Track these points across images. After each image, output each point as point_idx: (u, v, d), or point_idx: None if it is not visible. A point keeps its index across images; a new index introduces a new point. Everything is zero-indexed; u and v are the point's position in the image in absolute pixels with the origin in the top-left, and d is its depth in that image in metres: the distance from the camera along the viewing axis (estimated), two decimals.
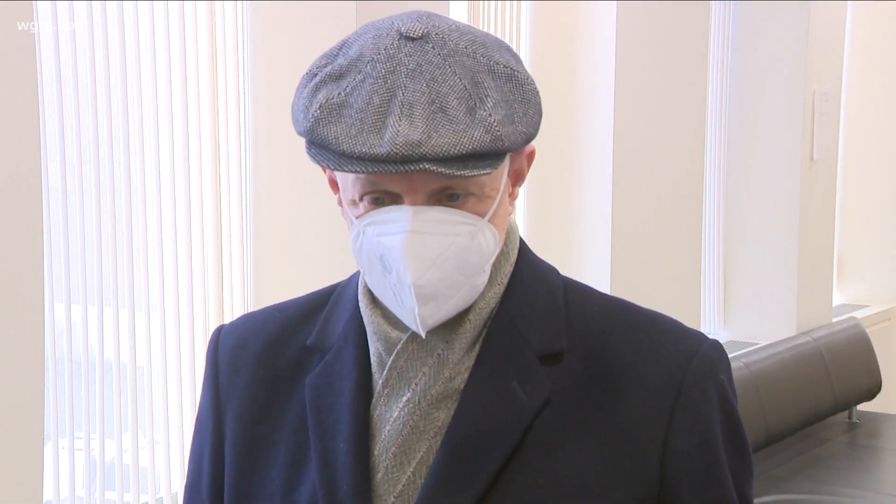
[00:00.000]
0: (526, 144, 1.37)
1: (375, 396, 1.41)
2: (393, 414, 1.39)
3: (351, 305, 1.46)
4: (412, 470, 1.38)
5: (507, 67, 1.34)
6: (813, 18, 5.69)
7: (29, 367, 2.81)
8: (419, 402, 1.39)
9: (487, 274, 1.39)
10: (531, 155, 1.43)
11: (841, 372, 5.71)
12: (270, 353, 1.49)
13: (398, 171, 1.28)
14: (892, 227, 6.85)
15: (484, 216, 1.36)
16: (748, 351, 5.44)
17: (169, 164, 3.30)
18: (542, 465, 1.36)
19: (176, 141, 3.31)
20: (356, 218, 1.36)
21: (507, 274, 1.43)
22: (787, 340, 5.64)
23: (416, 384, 1.39)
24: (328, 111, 1.31)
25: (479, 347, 1.40)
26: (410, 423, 1.38)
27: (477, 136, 1.29)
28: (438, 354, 1.39)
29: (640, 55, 4.75)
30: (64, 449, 3.07)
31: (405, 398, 1.39)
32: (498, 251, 1.40)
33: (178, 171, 3.32)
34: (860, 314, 6.41)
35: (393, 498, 1.38)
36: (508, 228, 1.44)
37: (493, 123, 1.30)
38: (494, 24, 4.31)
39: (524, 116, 1.34)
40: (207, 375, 1.54)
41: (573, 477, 1.37)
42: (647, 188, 4.86)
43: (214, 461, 1.51)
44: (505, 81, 1.33)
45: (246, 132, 3.49)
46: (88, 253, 3.09)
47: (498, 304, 1.41)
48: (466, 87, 1.31)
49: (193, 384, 3.35)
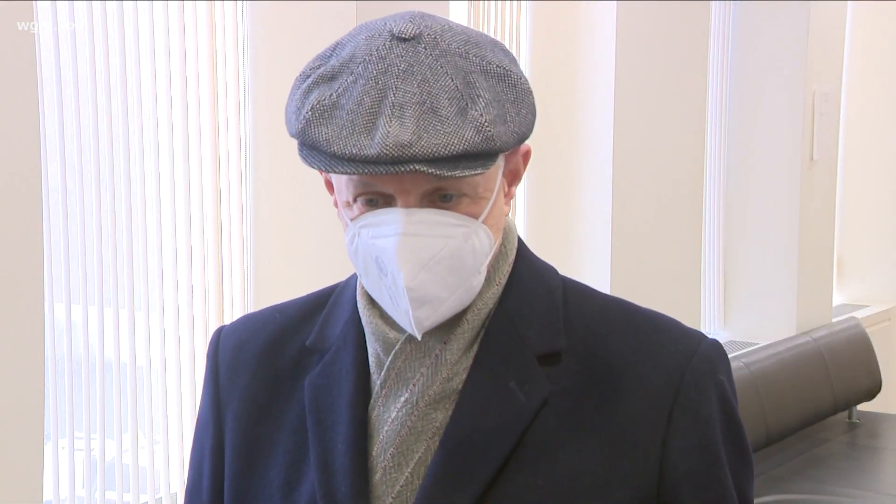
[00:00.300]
0: (519, 144, 1.36)
1: (373, 397, 1.41)
2: (391, 415, 1.39)
3: (350, 306, 1.46)
4: (410, 471, 1.38)
5: (499, 67, 1.34)
6: (813, 18, 5.69)
7: (29, 367, 2.81)
8: (417, 402, 1.39)
9: (483, 275, 1.39)
10: (527, 154, 1.43)
11: (841, 372, 5.71)
12: (270, 353, 1.50)
13: (388, 172, 1.28)
14: (892, 227, 6.85)
15: (478, 217, 1.35)
16: (748, 351, 5.44)
17: (169, 164, 3.30)
18: (540, 465, 1.36)
19: (176, 141, 3.31)
20: (351, 220, 1.37)
21: (505, 274, 1.43)
22: (787, 340, 5.64)
23: (413, 385, 1.39)
24: (319, 113, 1.31)
25: (477, 348, 1.40)
26: (408, 423, 1.38)
27: (468, 136, 1.29)
28: (436, 355, 1.39)
29: (640, 55, 4.75)
30: (64, 449, 3.07)
31: (403, 399, 1.39)
32: (494, 252, 1.40)
33: (178, 171, 3.32)
34: (860, 314, 6.40)
35: (391, 499, 1.38)
36: (506, 228, 1.44)
37: (484, 123, 1.30)
38: (494, 24, 4.31)
39: (517, 116, 1.34)
40: (208, 376, 1.54)
41: (572, 477, 1.36)
42: (647, 188, 4.86)
43: (215, 462, 1.51)
44: (497, 81, 1.33)
45: (246, 132, 3.49)
46: (88, 253, 3.09)
47: (496, 304, 1.41)
48: (458, 87, 1.31)
49: (193, 384, 3.35)
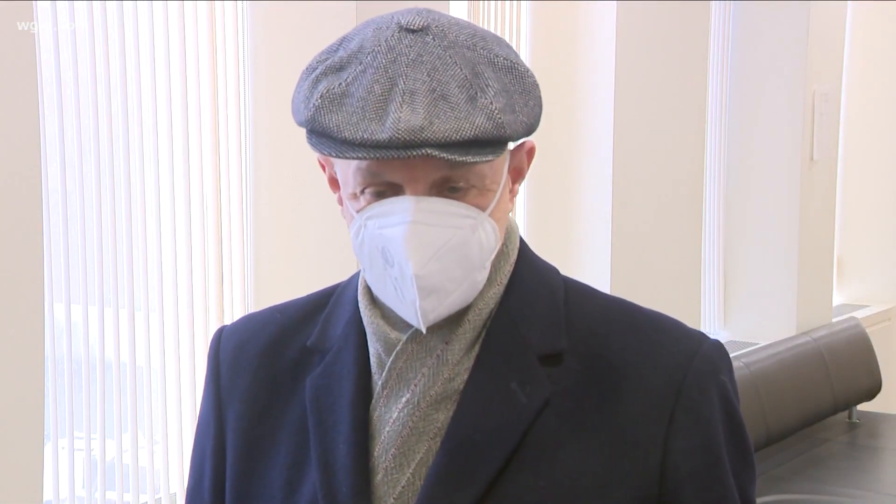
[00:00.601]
0: (527, 135, 1.36)
1: (375, 397, 1.41)
2: (392, 415, 1.39)
3: (351, 306, 1.46)
4: (412, 471, 1.38)
5: (507, 59, 1.35)
6: (813, 18, 5.69)
7: (29, 367, 2.81)
8: (418, 402, 1.38)
9: (487, 271, 1.38)
10: (531, 152, 1.43)
11: (841, 372, 5.70)
12: (271, 353, 1.49)
13: (400, 156, 1.28)
14: (892, 227, 6.85)
15: (485, 210, 1.35)
16: (748, 351, 5.44)
17: (169, 164, 3.29)
18: (541, 465, 1.36)
19: (176, 141, 3.31)
20: (357, 212, 1.36)
21: (506, 274, 1.42)
22: (787, 340, 5.64)
23: (415, 385, 1.39)
24: (329, 100, 1.31)
25: (478, 348, 1.40)
26: (410, 424, 1.38)
27: (479, 122, 1.29)
28: (437, 355, 1.39)
29: (640, 55, 4.75)
30: (64, 449, 3.07)
31: (405, 399, 1.39)
32: (498, 248, 1.40)
33: (178, 171, 3.32)
34: (860, 314, 6.40)
35: (392, 499, 1.38)
36: (508, 228, 1.44)
37: (494, 111, 1.30)
38: (494, 24, 4.31)
39: (525, 107, 1.34)
40: (209, 377, 1.53)
41: (573, 477, 1.36)
42: (647, 188, 4.86)
43: (216, 462, 1.51)
44: (505, 73, 1.34)
45: (246, 132, 3.49)
46: (88, 253, 3.08)
47: (497, 304, 1.41)
48: (467, 76, 1.31)
49: (193, 384, 3.35)
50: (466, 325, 1.39)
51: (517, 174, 1.42)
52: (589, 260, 4.71)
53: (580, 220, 4.75)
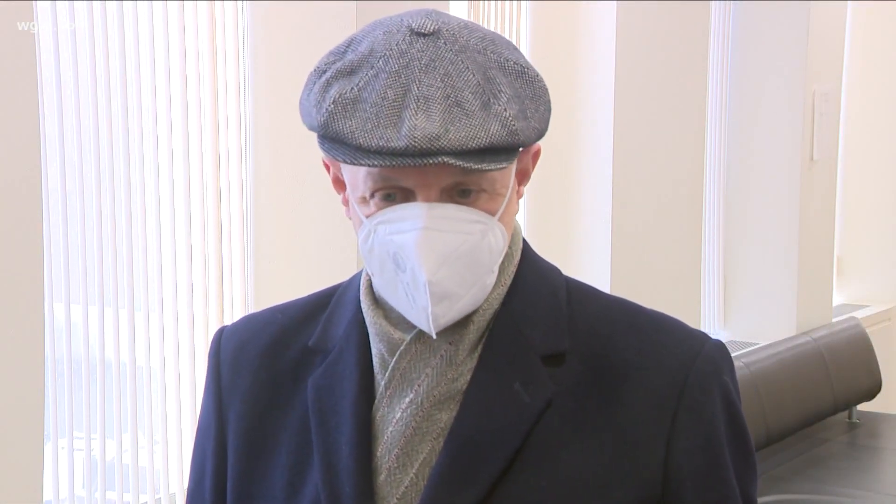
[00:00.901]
0: (538, 140, 1.37)
1: (378, 398, 1.40)
2: (395, 415, 1.39)
3: (353, 306, 1.45)
4: (415, 471, 1.38)
5: (517, 64, 1.35)
6: (813, 18, 5.69)
7: (29, 367, 2.81)
8: (422, 403, 1.38)
9: (496, 274, 1.38)
10: (536, 154, 1.43)
11: (841, 372, 5.70)
12: (272, 354, 1.49)
13: (416, 164, 1.27)
14: (892, 227, 6.85)
15: (495, 214, 1.35)
16: (748, 351, 5.44)
17: (169, 164, 3.29)
18: (544, 466, 1.36)
19: (176, 141, 3.30)
20: (366, 217, 1.35)
21: (510, 275, 1.42)
22: (787, 340, 5.64)
23: (418, 385, 1.38)
24: (342, 106, 1.30)
25: (481, 348, 1.39)
26: (413, 424, 1.38)
27: (494, 129, 1.29)
28: (442, 355, 1.38)
29: (640, 55, 4.75)
30: (64, 449, 3.07)
31: (408, 399, 1.39)
32: (505, 251, 1.39)
33: (178, 171, 3.32)
34: (860, 314, 6.40)
35: (395, 500, 1.37)
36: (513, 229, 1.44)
37: (508, 118, 1.30)
38: (494, 24, 4.31)
39: (536, 112, 1.34)
40: (209, 377, 1.53)
41: (576, 478, 1.36)
42: (647, 188, 4.86)
43: (217, 463, 1.50)
44: (516, 78, 1.34)
45: (246, 132, 3.49)
46: (88, 253, 3.08)
47: (501, 304, 1.41)
48: (480, 82, 1.31)
49: (193, 384, 3.35)
50: (471, 325, 1.39)
51: (522, 176, 1.42)
52: (589, 260, 4.71)
53: (580, 220, 4.75)
